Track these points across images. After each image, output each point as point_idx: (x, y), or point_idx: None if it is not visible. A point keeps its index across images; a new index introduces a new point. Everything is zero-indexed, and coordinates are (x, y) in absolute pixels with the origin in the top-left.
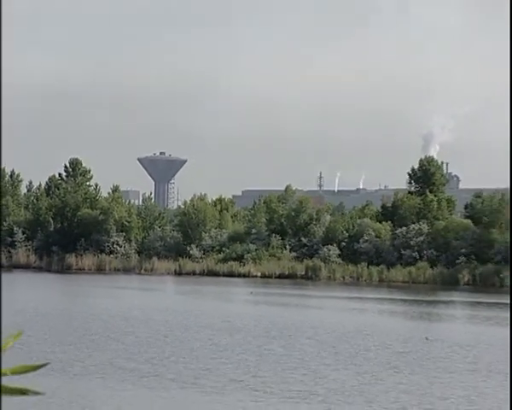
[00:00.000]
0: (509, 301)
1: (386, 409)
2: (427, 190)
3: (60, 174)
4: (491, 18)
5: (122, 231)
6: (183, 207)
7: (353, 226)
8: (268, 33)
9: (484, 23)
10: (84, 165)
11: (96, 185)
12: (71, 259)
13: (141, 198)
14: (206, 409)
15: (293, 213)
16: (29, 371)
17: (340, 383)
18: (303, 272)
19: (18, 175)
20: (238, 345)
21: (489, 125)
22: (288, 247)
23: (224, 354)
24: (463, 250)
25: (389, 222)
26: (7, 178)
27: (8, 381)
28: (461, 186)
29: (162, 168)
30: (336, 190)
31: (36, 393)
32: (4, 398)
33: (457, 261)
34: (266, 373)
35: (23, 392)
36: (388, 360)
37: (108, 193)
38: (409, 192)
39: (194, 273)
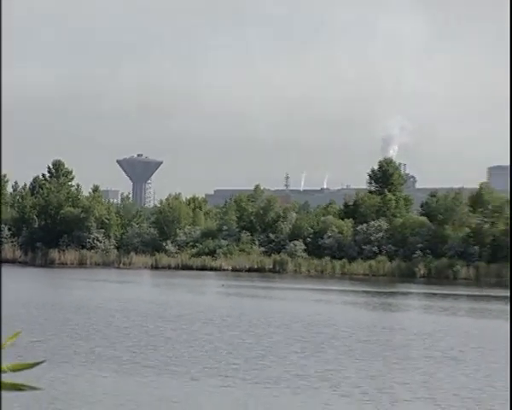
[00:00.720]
0: (462, 292)
1: (350, 394)
2: (386, 190)
3: (43, 175)
4: (449, 28)
5: (102, 228)
6: (159, 205)
7: (318, 223)
8: (242, 45)
9: (441, 34)
10: (66, 166)
11: (78, 185)
12: (54, 254)
13: (120, 197)
14: (182, 394)
15: (261, 211)
16: (26, 368)
17: (306, 370)
18: (271, 266)
19: (4, 176)
20: (211, 334)
21: (444, 129)
22: (257, 242)
23: (198, 342)
24: (419, 245)
25: (351, 219)
26: None
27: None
28: (417, 186)
29: (139, 169)
30: (302, 189)
31: (33, 388)
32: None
33: (414, 256)
34: (237, 360)
35: (20, 387)
36: (351, 347)
37: (89, 192)
38: (369, 191)
39: (169, 267)
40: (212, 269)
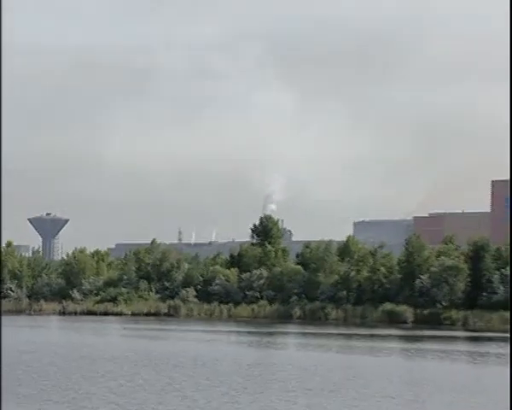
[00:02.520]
0: (332, 331)
1: None
2: (267, 242)
3: None
4: (311, 100)
5: (15, 279)
6: (66, 258)
7: (207, 272)
8: (142, 114)
9: (314, 107)
10: None
11: None
12: None
13: (31, 251)
14: None
15: (157, 262)
16: None
17: (202, 402)
18: (166, 310)
19: None
20: (114, 372)
21: (315, 189)
22: (153, 290)
23: (102, 379)
24: (295, 290)
25: (236, 268)
26: None
27: None
28: (293, 239)
29: (48, 226)
30: (193, 243)
31: None
32: None
33: (291, 300)
34: (138, 396)
35: None
36: (240, 381)
37: (3, 247)
38: (252, 244)
39: (75, 313)
40: (113, 314)
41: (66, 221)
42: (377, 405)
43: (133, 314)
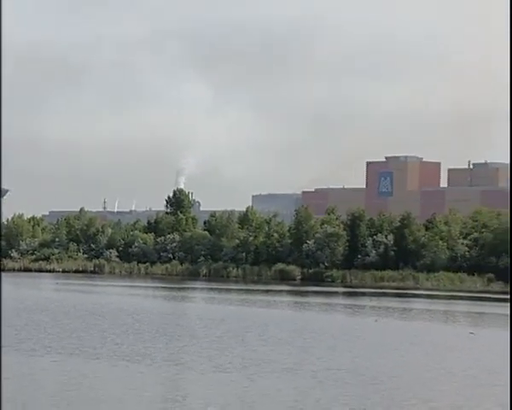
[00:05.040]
0: (233, 287)
1: (153, 362)
2: (179, 211)
3: None
4: (223, 91)
5: None
6: (6, 223)
7: (128, 236)
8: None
9: (227, 98)
10: None
11: None
12: None
13: None
14: (27, 363)
15: (85, 227)
16: None
17: (126, 346)
18: (92, 268)
19: None
20: (48, 322)
21: (224, 167)
22: (81, 250)
23: (37, 327)
24: (202, 252)
25: (152, 233)
26: None
27: None
28: (202, 209)
29: None
30: (116, 211)
31: None
32: None
33: (198, 260)
34: (73, 341)
35: None
36: (156, 328)
37: None
38: (166, 213)
39: (14, 270)
40: (47, 271)
41: (7, 191)
42: (273, 350)
43: (64, 271)
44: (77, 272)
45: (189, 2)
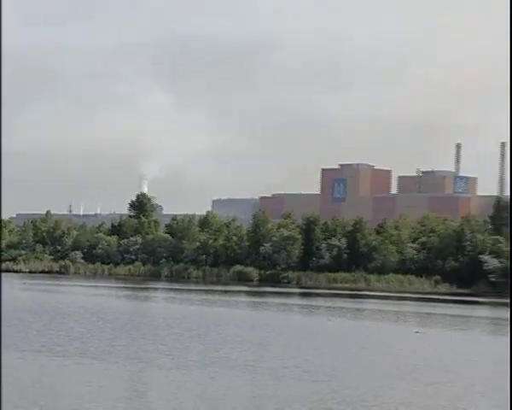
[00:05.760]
0: (193, 288)
1: (119, 360)
2: (141, 215)
3: None
4: (184, 98)
5: None
6: None
7: (92, 238)
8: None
9: (189, 107)
10: None
11: None
12: None
13: None
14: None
15: (51, 230)
16: None
17: (92, 344)
18: (58, 269)
19: None
20: (14, 320)
21: (186, 172)
22: (47, 252)
23: (4, 326)
24: (164, 254)
25: (116, 236)
26: None
27: None
28: (164, 212)
29: None
30: (81, 214)
31: None
32: None
33: (160, 262)
34: (39, 339)
35: None
36: (119, 327)
37: None
38: (130, 216)
39: None
40: (14, 271)
41: None
42: (233, 348)
43: (30, 272)
44: (43, 272)
45: (153, 16)
